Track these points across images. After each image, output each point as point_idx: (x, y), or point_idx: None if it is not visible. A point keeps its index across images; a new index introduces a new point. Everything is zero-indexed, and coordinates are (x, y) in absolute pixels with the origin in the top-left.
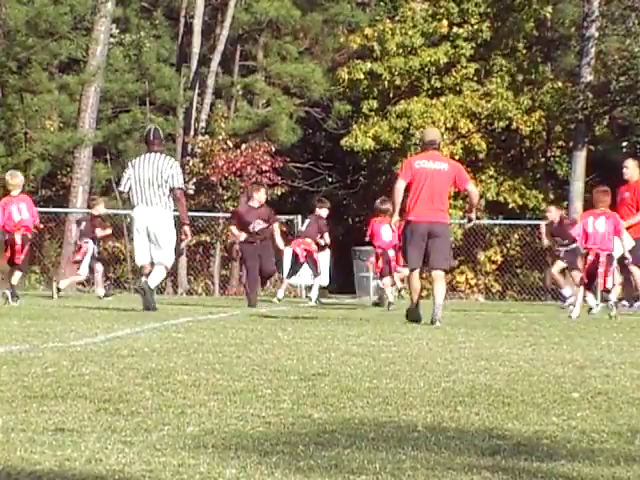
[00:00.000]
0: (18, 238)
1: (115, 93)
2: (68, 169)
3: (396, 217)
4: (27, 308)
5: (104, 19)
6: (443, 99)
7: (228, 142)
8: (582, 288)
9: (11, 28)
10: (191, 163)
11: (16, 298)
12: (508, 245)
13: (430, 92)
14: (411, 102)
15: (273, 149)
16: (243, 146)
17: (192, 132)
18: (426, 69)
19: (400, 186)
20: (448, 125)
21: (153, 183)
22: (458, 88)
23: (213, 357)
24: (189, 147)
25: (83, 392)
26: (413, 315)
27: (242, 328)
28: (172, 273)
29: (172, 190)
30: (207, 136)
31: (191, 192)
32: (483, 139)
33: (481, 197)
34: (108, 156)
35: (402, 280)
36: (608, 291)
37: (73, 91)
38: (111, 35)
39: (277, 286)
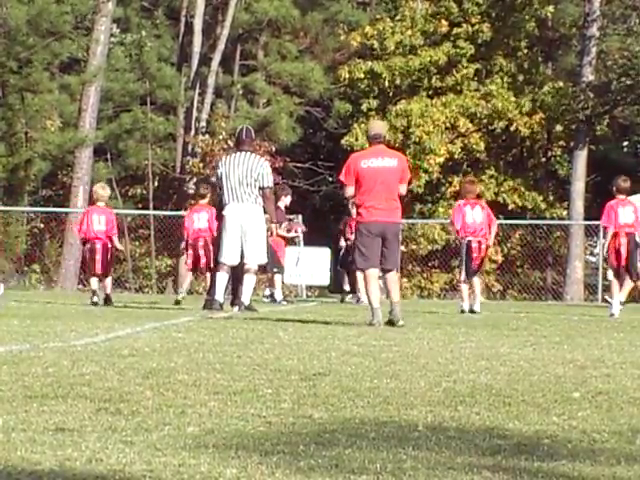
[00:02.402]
0: (99, 248)
1: (116, 93)
2: (69, 169)
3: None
4: (27, 308)
5: (105, 19)
6: (443, 99)
7: (229, 142)
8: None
9: (12, 27)
10: (191, 163)
11: (109, 302)
12: (509, 245)
13: (430, 92)
14: (411, 102)
15: (273, 149)
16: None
17: (193, 132)
18: (426, 69)
19: (350, 193)
20: (448, 125)
21: (243, 181)
22: (458, 88)
23: (214, 357)
24: (190, 147)
25: (84, 392)
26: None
27: (243, 328)
28: (173, 273)
29: (261, 189)
30: (207, 136)
31: (191, 192)
32: (483, 139)
33: (480, 197)
34: (109, 156)
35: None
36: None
37: (74, 91)
38: (112, 35)
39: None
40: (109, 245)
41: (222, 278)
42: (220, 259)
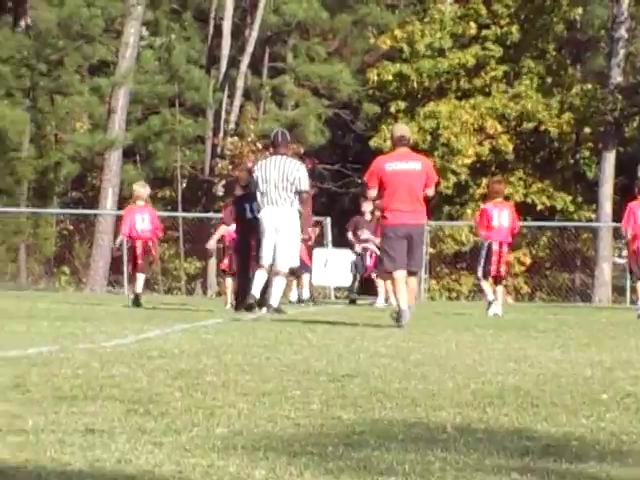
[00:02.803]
0: (139, 245)
1: (145, 95)
2: (98, 171)
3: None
4: (57, 310)
5: (134, 22)
6: (472, 101)
7: (257, 144)
8: None
9: (42, 30)
10: (220, 165)
11: (137, 301)
12: (537, 247)
13: (458, 93)
14: (439, 103)
15: (302, 150)
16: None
17: (221, 134)
18: (455, 71)
19: (373, 195)
20: (476, 126)
21: (278, 185)
22: (487, 90)
23: (242, 358)
24: (218, 149)
25: (113, 393)
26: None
27: (271, 329)
28: (202, 275)
29: (299, 193)
30: (236, 137)
31: (220, 194)
32: (511, 141)
33: (508, 199)
34: (138, 158)
35: None
36: None
37: (103, 93)
38: (141, 37)
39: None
40: (150, 243)
41: (261, 276)
42: (260, 261)
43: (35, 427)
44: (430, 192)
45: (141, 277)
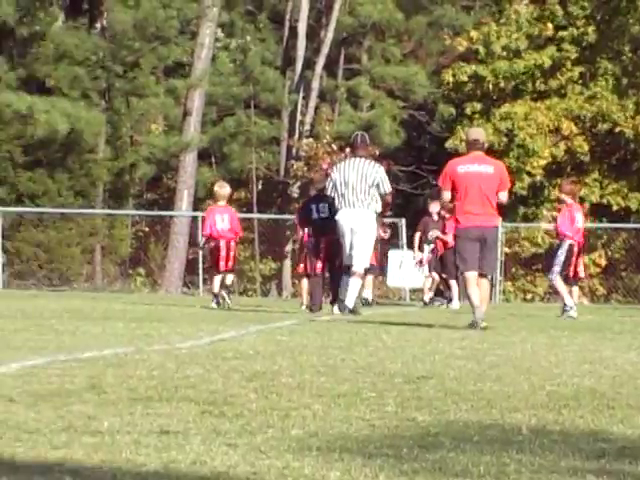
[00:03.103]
0: (222, 245)
1: (220, 96)
2: (173, 172)
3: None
4: (132, 311)
5: (210, 23)
6: (547, 102)
7: (332, 145)
8: None
9: (118, 32)
10: (295, 166)
11: (222, 300)
12: (612, 248)
13: (534, 95)
14: (515, 105)
15: (377, 152)
16: (347, 149)
17: (296, 135)
18: (530, 72)
19: (447, 197)
20: (551, 127)
21: (356, 187)
22: (562, 91)
23: (317, 360)
24: (293, 150)
25: (188, 394)
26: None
27: (346, 331)
28: (277, 276)
29: (382, 195)
30: (311, 139)
31: (295, 195)
32: (586, 141)
33: (584, 201)
34: (213, 159)
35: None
36: None
37: (179, 94)
38: (216, 39)
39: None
40: (232, 243)
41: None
42: (346, 262)
43: (110, 428)
44: (503, 196)
45: (229, 277)
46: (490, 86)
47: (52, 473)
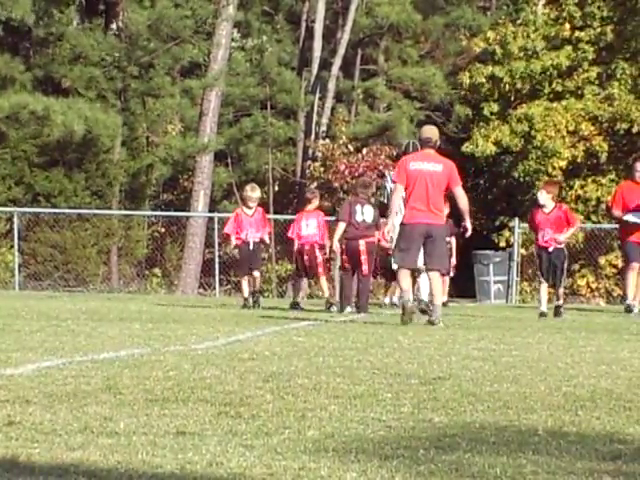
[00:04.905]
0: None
1: (236, 97)
2: (190, 173)
3: (390, 223)
4: (149, 312)
5: (225, 23)
6: (564, 102)
7: (349, 146)
8: None
9: (133, 32)
10: (312, 167)
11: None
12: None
13: (551, 96)
14: (532, 106)
15: (394, 153)
16: (364, 150)
17: (313, 136)
18: (547, 73)
19: (399, 190)
20: (570, 128)
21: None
22: (579, 92)
23: (334, 361)
24: (310, 151)
25: (204, 395)
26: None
27: (362, 332)
28: (293, 277)
29: None
30: (328, 140)
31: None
32: (605, 142)
33: (601, 202)
34: (229, 160)
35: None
36: None
37: (195, 95)
38: (232, 39)
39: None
40: (261, 245)
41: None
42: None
43: (126, 429)
44: (459, 192)
45: (257, 274)
46: (507, 87)
47: (68, 474)
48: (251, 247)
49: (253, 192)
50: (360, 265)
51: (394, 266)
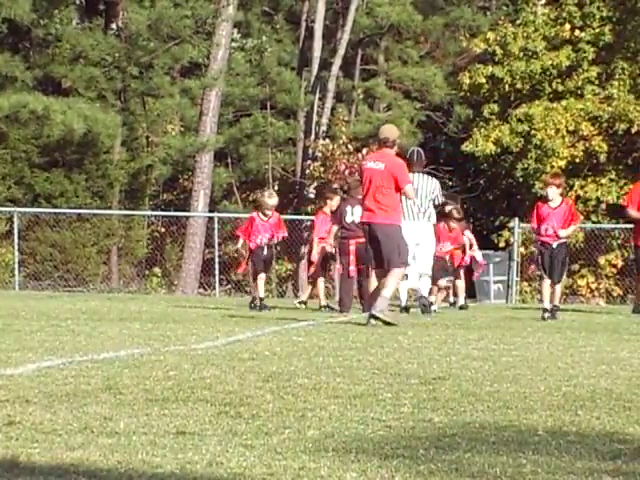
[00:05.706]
0: (264, 252)
1: (236, 97)
2: (189, 173)
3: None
4: (148, 312)
5: (225, 23)
6: (564, 102)
7: (349, 146)
8: None
9: (133, 32)
10: (312, 167)
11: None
12: (629, 249)
13: (551, 96)
14: (532, 106)
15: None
16: (364, 150)
17: (313, 136)
18: (547, 73)
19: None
20: (570, 128)
21: (417, 201)
22: (579, 92)
23: (333, 361)
24: (310, 151)
25: (204, 395)
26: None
27: (362, 332)
28: (293, 277)
29: (437, 206)
30: (328, 140)
31: (311, 196)
32: (604, 142)
33: (601, 202)
34: (229, 160)
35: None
36: None
37: (194, 95)
38: (232, 39)
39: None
40: (273, 249)
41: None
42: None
43: (126, 429)
44: (408, 189)
45: (263, 276)
46: (507, 87)
47: (68, 474)
48: (265, 252)
49: (270, 199)
50: (348, 265)
51: None
